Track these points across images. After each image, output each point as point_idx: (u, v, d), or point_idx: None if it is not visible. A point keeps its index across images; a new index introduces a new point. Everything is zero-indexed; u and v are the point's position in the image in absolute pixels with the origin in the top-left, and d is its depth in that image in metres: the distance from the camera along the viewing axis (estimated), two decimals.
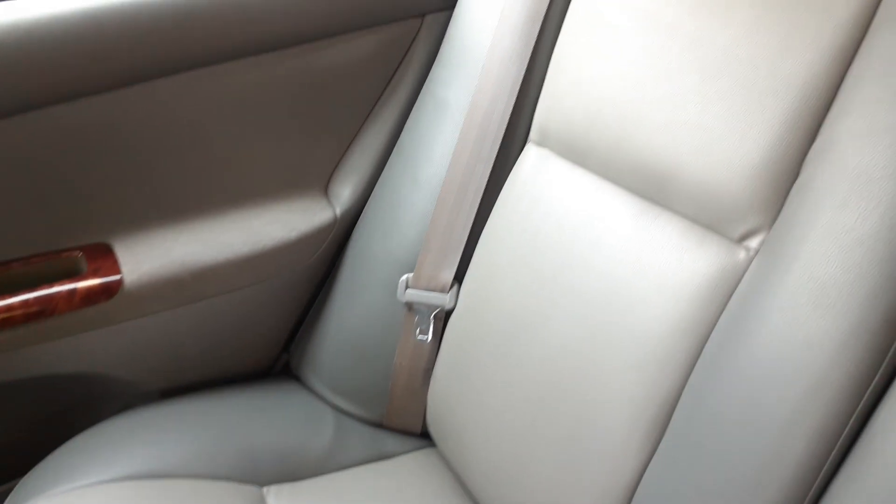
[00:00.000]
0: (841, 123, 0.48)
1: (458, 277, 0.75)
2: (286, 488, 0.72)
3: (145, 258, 0.74)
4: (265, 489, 0.72)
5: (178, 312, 0.77)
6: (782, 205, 0.51)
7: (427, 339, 0.75)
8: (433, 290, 0.75)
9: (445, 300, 0.74)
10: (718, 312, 0.53)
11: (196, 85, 0.72)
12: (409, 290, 0.75)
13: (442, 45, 0.81)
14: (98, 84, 0.67)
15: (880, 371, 0.45)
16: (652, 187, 0.59)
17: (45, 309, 0.70)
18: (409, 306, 0.76)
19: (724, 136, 0.54)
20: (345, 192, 0.84)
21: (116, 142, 0.71)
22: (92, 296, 0.71)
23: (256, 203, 0.80)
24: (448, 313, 0.75)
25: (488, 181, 0.73)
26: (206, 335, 0.81)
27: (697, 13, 0.56)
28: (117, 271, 0.72)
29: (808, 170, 0.50)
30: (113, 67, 0.67)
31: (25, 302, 0.69)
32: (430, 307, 0.75)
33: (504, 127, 0.72)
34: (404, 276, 0.76)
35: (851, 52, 0.48)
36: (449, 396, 0.74)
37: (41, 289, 0.70)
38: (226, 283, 0.78)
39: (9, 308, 0.69)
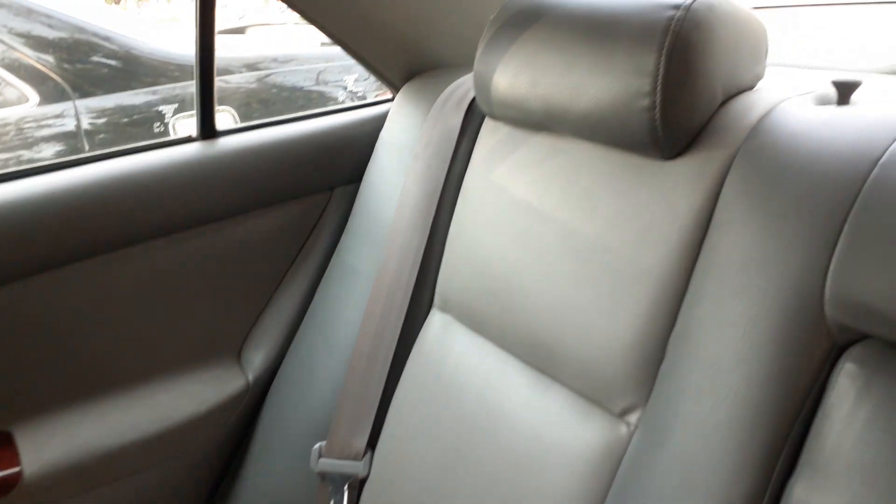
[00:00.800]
0: (693, 313, 0.53)
1: (371, 444, 0.76)
2: None
3: (47, 446, 0.72)
4: None
5: (82, 498, 0.74)
6: (654, 384, 0.56)
7: None
8: (346, 458, 0.75)
9: (359, 468, 0.75)
10: (608, 484, 0.56)
11: (104, 269, 0.73)
12: (322, 460, 0.75)
13: (350, 216, 0.86)
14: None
15: None
16: (542, 359, 0.63)
17: None
18: (323, 476, 0.76)
19: (597, 316, 0.58)
20: (257, 358, 0.85)
21: (19, 329, 0.70)
22: None
23: (165, 377, 0.80)
24: (362, 481, 0.75)
25: (397, 345, 0.75)
26: None
27: (567, 205, 0.63)
28: (16, 463, 0.70)
29: (671, 353, 0.55)
30: (15, 259, 0.68)
31: None
32: (344, 476, 0.75)
33: (410, 293, 0.76)
34: (317, 445, 0.76)
35: (696, 249, 0.54)
36: None
37: None
38: (133, 465, 0.76)
39: None
